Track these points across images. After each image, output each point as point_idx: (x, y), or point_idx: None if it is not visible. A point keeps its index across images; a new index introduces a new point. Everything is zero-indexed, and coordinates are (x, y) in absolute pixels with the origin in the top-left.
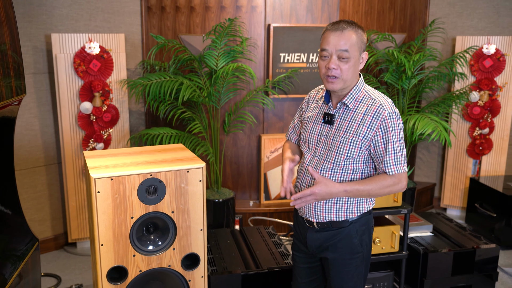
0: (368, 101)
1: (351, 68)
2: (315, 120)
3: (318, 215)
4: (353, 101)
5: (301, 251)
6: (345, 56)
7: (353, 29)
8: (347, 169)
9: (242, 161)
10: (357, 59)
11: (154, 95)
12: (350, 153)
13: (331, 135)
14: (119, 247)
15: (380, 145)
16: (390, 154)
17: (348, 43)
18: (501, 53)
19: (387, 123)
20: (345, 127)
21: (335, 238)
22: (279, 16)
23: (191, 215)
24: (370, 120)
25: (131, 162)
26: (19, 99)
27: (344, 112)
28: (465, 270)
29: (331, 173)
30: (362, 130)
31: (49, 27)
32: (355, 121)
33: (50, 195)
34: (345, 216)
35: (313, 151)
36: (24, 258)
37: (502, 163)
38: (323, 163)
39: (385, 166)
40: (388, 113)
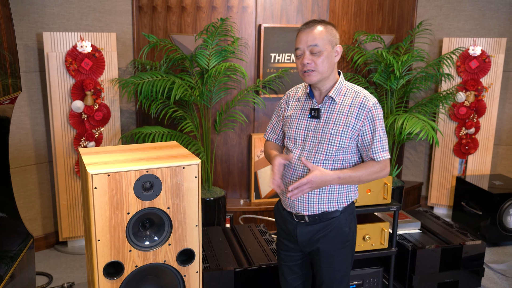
0: (352, 94)
1: (324, 61)
2: (299, 116)
3: (311, 207)
4: (338, 95)
5: (288, 249)
6: (317, 50)
7: (322, 25)
8: (338, 160)
9: (232, 160)
10: (330, 51)
11: (146, 94)
12: (341, 144)
13: (319, 129)
14: (115, 242)
15: (368, 134)
16: (377, 142)
17: (318, 38)
18: (486, 55)
19: (373, 113)
20: (334, 120)
21: (327, 229)
22: (270, 17)
23: (186, 211)
24: (357, 111)
25: (127, 158)
26: (15, 96)
27: (330, 106)
28: (452, 266)
29: (323, 164)
30: (351, 121)
31: (41, 25)
32: (342, 113)
33: (40, 193)
34: (336, 206)
35: (301, 146)
36: (20, 254)
37: (488, 162)
38: (315, 155)
39: (373, 153)
40: (372, 104)
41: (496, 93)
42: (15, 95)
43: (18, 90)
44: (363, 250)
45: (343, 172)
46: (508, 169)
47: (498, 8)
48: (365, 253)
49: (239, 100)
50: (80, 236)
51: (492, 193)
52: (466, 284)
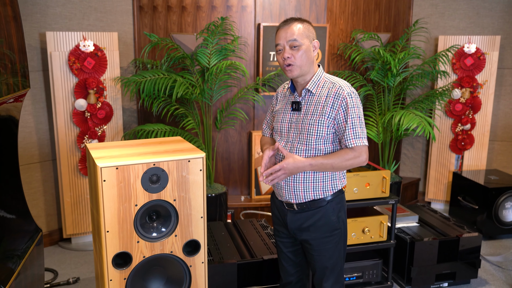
0: (328, 85)
1: (303, 55)
2: (284, 110)
3: (297, 195)
4: (315, 87)
5: (283, 235)
6: (296, 45)
7: (300, 22)
8: (319, 150)
9: (233, 157)
10: (308, 46)
11: (149, 92)
12: (319, 133)
13: (300, 120)
14: (124, 233)
15: (342, 122)
16: (350, 129)
17: (296, 33)
18: (481, 52)
19: (347, 101)
20: (312, 111)
21: (314, 218)
22: (269, 16)
23: (192, 203)
24: (332, 100)
25: (134, 152)
26: (18, 95)
27: (309, 98)
28: (450, 258)
29: (305, 153)
30: (326, 110)
31: (43, 25)
32: (319, 104)
33: (44, 191)
34: (322, 194)
35: (286, 138)
36: (30, 247)
37: (483, 158)
38: (296, 145)
39: (345, 139)
40: (347, 93)
41: (491, 89)
42: (17, 94)
43: (20, 90)
44: (363, 243)
45: (315, 160)
46: (503, 164)
47: (492, 7)
48: (365, 246)
49: (240, 98)
50: (84, 233)
51: (488, 187)
52: (463, 275)
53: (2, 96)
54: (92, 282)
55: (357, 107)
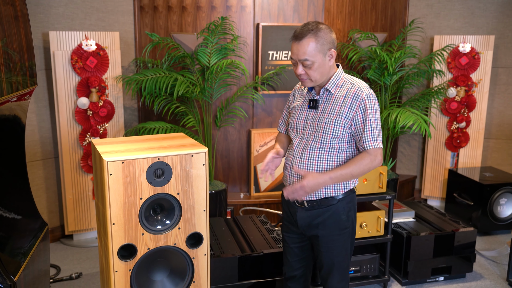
0: (347, 86)
1: (316, 71)
2: (301, 107)
3: None
4: (334, 87)
5: (291, 231)
6: (307, 64)
7: (313, 35)
8: (333, 148)
9: (232, 155)
10: (321, 60)
11: (150, 90)
12: (335, 132)
13: (316, 118)
14: (129, 226)
15: (360, 123)
16: (368, 131)
17: (307, 52)
18: (476, 51)
19: (366, 103)
20: (329, 110)
21: (324, 216)
22: (267, 16)
23: (195, 197)
24: (351, 101)
25: (138, 147)
26: (20, 94)
27: (327, 97)
28: (445, 252)
29: (319, 151)
30: (344, 110)
31: (46, 25)
32: (337, 103)
33: (47, 188)
34: (334, 193)
35: (301, 135)
36: (37, 240)
37: (478, 155)
38: (311, 143)
39: (363, 141)
40: (366, 95)
41: (486, 88)
42: (26, 90)
43: (29, 87)
44: (360, 237)
45: (334, 172)
46: (498, 161)
47: (486, 7)
48: (362, 240)
49: (239, 96)
50: (86, 229)
51: (483, 184)
52: (458, 269)
53: (13, 92)
54: (95, 277)
55: (374, 109)
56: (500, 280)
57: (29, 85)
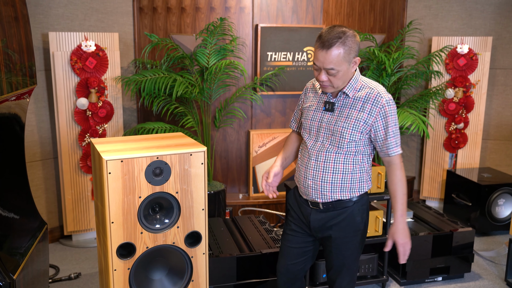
0: (366, 90)
1: (340, 78)
2: (315, 108)
3: (324, 195)
4: (352, 90)
5: (297, 232)
6: (332, 73)
7: (341, 43)
8: (350, 151)
9: (231, 156)
10: (346, 69)
11: (149, 91)
12: (352, 137)
13: (332, 121)
14: (128, 224)
15: (381, 130)
16: (391, 137)
17: (334, 62)
18: (473, 53)
19: (386, 110)
20: (346, 114)
21: (339, 218)
22: (266, 17)
23: (193, 196)
24: (370, 107)
25: (137, 147)
26: (31, 89)
27: (344, 100)
28: (444, 252)
29: (335, 155)
30: (363, 116)
31: (46, 26)
32: (355, 108)
33: (46, 189)
34: (349, 195)
35: (315, 137)
36: (36, 239)
37: (477, 156)
38: (327, 146)
39: (387, 148)
40: (386, 101)
41: (484, 89)
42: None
43: (29, 86)
44: None
45: (397, 210)
46: (496, 162)
47: (484, 8)
48: None
49: (238, 97)
50: (85, 230)
51: (481, 184)
52: (457, 270)
53: (12, 91)
54: (93, 277)
55: (394, 114)
56: (498, 280)
57: (28, 85)
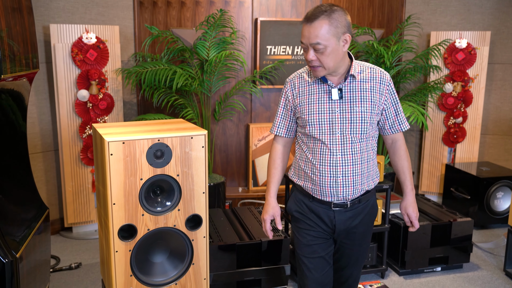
0: (367, 70)
1: (329, 56)
2: (318, 101)
3: (356, 189)
4: (357, 73)
5: (319, 238)
6: (319, 48)
7: (326, 17)
8: (369, 136)
9: (231, 150)
10: (335, 45)
11: (149, 83)
12: (372, 120)
13: (347, 109)
14: (129, 206)
15: (391, 108)
16: (400, 113)
17: (319, 35)
18: (472, 47)
19: (392, 86)
20: (360, 97)
21: (364, 212)
22: (266, 11)
23: (194, 179)
24: (379, 86)
25: (139, 130)
26: (34, 72)
27: (351, 84)
28: (442, 242)
29: (360, 143)
30: (376, 97)
31: (47, 18)
32: (365, 89)
33: (46, 181)
34: (373, 184)
35: (330, 130)
36: (38, 222)
37: (475, 151)
38: (350, 137)
39: (400, 124)
40: (389, 78)
41: (482, 84)
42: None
43: (31, 69)
44: None
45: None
46: (495, 157)
47: (482, 3)
48: None
49: (238, 90)
50: (85, 221)
51: (480, 177)
52: (455, 260)
53: (16, 72)
54: (94, 267)
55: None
56: (497, 271)
57: (31, 68)
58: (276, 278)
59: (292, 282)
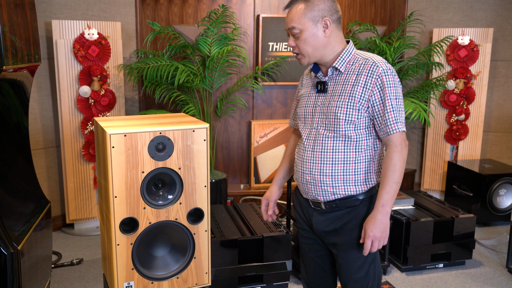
0: (360, 61)
1: (306, 41)
2: (308, 94)
3: (325, 192)
4: (344, 64)
5: (308, 238)
6: (295, 32)
7: (303, 0)
8: (349, 137)
9: (232, 146)
10: (311, 29)
11: (151, 79)
12: (348, 117)
13: (326, 103)
14: (131, 199)
15: (379, 104)
16: (390, 112)
17: (294, 19)
18: (474, 44)
19: (383, 80)
20: (339, 91)
21: (345, 219)
22: (268, 7)
23: (196, 172)
24: (365, 79)
25: (141, 123)
26: (36, 65)
27: (336, 77)
28: (445, 239)
29: (333, 142)
30: (357, 90)
31: (49, 14)
32: (348, 82)
33: (48, 177)
34: (354, 190)
35: (310, 124)
36: (39, 215)
37: (478, 148)
38: (323, 132)
39: (386, 125)
40: (382, 70)
41: (485, 81)
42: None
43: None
44: None
45: (380, 197)
46: (497, 155)
47: (485, 0)
48: None
49: (240, 86)
50: (87, 218)
51: (482, 174)
52: (458, 256)
53: (18, 64)
54: (95, 263)
55: (394, 86)
56: (500, 267)
57: (33, 61)
58: (277, 273)
59: (293, 278)
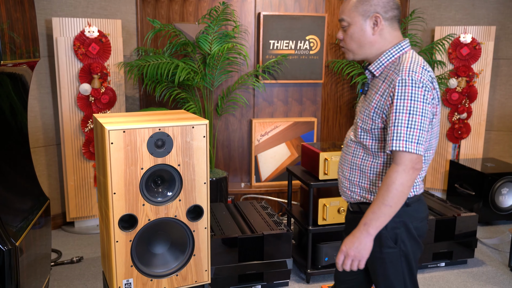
0: (393, 67)
1: (352, 36)
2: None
3: (344, 193)
4: (380, 68)
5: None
6: (343, 25)
7: None
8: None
9: (233, 145)
10: (360, 24)
11: (152, 76)
12: (364, 124)
13: (360, 107)
14: (130, 196)
15: (391, 116)
16: (397, 127)
17: (345, 10)
18: (477, 42)
19: (395, 89)
20: (368, 96)
21: None
22: (269, 5)
23: (195, 169)
24: (385, 87)
25: (140, 119)
26: (35, 61)
27: (372, 81)
28: (447, 237)
29: (354, 146)
30: (375, 98)
31: (49, 12)
32: (374, 89)
33: (49, 175)
34: (369, 198)
35: None
36: (38, 212)
37: (480, 147)
38: (351, 135)
39: (387, 140)
40: (401, 78)
41: (487, 79)
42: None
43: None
44: None
45: (365, 215)
46: (500, 154)
47: None
48: None
49: (241, 84)
50: (87, 216)
51: (485, 173)
52: (460, 255)
53: (16, 59)
54: (95, 261)
55: (409, 99)
56: (502, 266)
57: (32, 57)
58: (278, 272)
59: (294, 276)
